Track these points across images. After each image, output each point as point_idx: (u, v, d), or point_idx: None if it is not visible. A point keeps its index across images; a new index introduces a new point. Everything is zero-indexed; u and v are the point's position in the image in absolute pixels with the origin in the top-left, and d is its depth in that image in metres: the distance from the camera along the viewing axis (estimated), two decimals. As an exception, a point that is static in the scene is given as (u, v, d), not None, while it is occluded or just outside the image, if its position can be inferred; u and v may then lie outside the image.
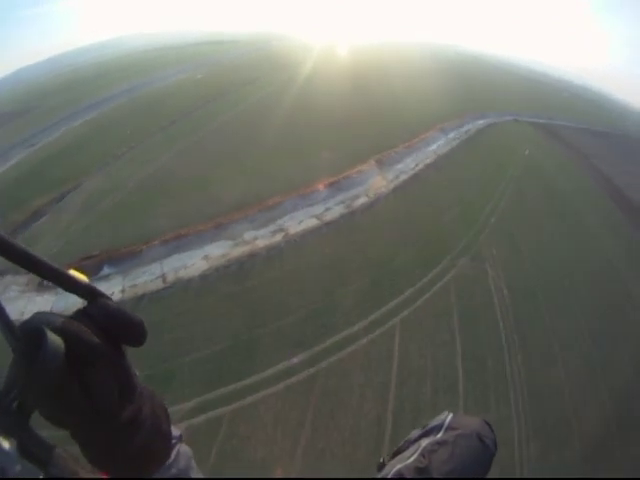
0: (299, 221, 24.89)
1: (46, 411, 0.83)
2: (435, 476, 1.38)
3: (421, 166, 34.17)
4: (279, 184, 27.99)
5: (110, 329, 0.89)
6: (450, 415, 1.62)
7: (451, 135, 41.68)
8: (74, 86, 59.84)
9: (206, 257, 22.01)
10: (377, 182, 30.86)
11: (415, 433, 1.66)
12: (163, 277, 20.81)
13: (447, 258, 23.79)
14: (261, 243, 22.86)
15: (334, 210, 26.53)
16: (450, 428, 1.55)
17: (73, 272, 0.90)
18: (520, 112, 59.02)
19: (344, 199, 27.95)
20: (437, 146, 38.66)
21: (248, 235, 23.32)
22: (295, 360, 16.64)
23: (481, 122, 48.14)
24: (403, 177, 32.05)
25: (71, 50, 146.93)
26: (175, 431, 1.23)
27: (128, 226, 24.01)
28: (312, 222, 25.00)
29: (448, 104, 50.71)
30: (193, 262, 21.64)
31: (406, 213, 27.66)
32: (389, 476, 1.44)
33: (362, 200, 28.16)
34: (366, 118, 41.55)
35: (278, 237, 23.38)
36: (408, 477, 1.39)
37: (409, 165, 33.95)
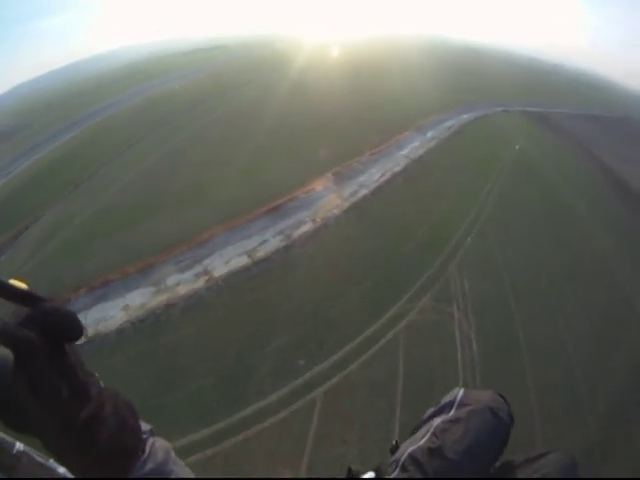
0: (227, 260, 22.20)
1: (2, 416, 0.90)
2: (449, 455, 1.35)
3: (387, 176, 29.68)
4: (216, 215, 25.31)
5: (51, 329, 0.90)
6: (461, 391, 1.58)
7: (430, 134, 36.70)
8: (56, 106, 59.72)
9: (126, 307, 20.16)
10: (329, 202, 26.89)
11: (429, 412, 1.62)
12: (85, 331, 20.02)
13: (402, 300, 19.96)
14: (182, 289, 20.66)
15: (270, 243, 23.26)
16: (462, 404, 1.51)
17: (13, 281, 0.93)
18: (511, 101, 54.05)
19: (285, 228, 24.46)
20: (411, 149, 34.13)
21: (171, 280, 21.28)
22: (196, 436, 14.77)
23: (466, 116, 42.91)
24: (362, 193, 27.76)
25: (66, 65, 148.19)
26: (145, 426, 1.21)
27: (66, 270, 22.68)
28: (241, 261, 22.08)
29: (431, 99, 45.96)
30: (113, 314, 19.88)
31: (357, 241, 23.83)
32: (402, 458, 1.43)
33: (306, 228, 24.54)
34: (335, 122, 37.46)
35: (201, 282, 21.04)
36: (420, 459, 1.38)
37: (373, 176, 29.53)
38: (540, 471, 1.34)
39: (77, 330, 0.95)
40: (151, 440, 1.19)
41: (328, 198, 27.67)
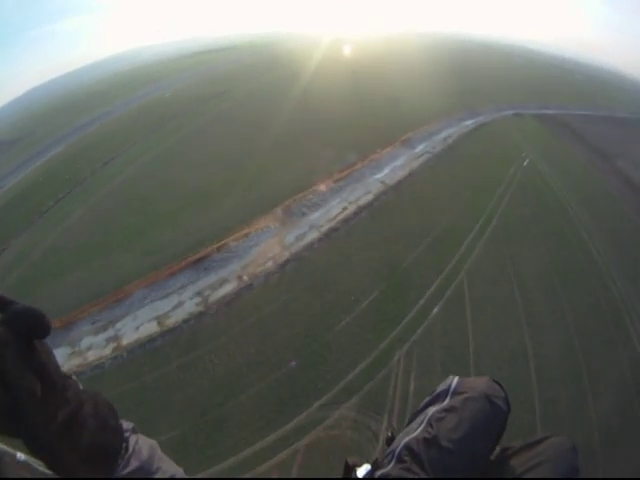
0: (137, 325, 17.79)
1: None
2: (444, 445, 1.31)
3: (349, 212, 22.58)
4: (141, 264, 20.54)
5: (21, 329, 0.88)
6: (456, 379, 1.52)
7: (419, 148, 29.08)
8: (53, 116, 56.40)
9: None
10: (266, 250, 20.28)
11: (424, 402, 1.57)
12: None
13: (303, 414, 13.63)
14: (92, 355, 17.08)
15: (184, 308, 18.06)
16: (456, 393, 1.45)
17: None
18: (524, 103, 45.05)
19: (205, 287, 18.89)
20: (390, 170, 26.55)
21: (85, 342, 17.55)
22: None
23: (470, 122, 34.64)
24: (310, 238, 20.79)
25: (70, 70, 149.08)
26: (127, 424, 1.21)
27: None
28: (150, 328, 17.52)
29: (429, 103, 38.20)
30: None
31: (287, 307, 17.39)
32: (397, 450, 1.39)
33: (227, 288, 18.65)
34: (303, 138, 30.81)
35: (109, 349, 17.11)
36: (416, 449, 1.34)
37: (330, 212, 22.57)
38: (538, 457, 1.30)
39: (45, 326, 0.92)
40: (134, 438, 1.17)
41: (266, 245, 20.97)
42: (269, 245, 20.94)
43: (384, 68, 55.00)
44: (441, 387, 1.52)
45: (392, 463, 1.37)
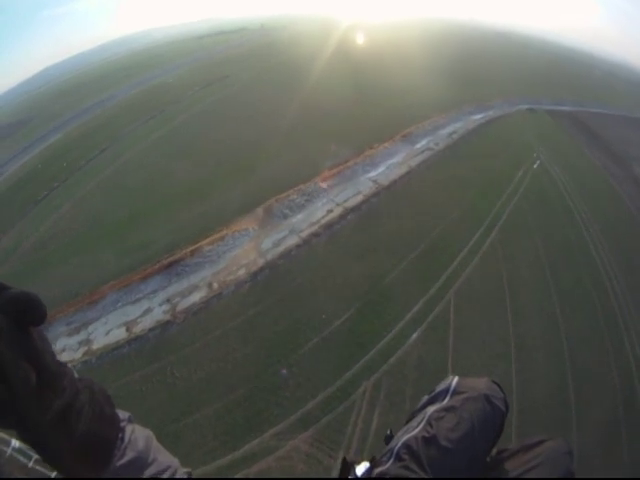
0: (108, 330, 17.00)
1: None
2: (443, 444, 1.31)
3: (334, 215, 20.65)
4: (118, 263, 19.56)
5: (16, 314, 0.86)
6: (456, 379, 1.52)
7: (420, 144, 26.61)
8: (58, 99, 54.76)
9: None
10: (240, 257, 18.70)
11: (423, 400, 1.57)
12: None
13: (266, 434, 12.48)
14: (64, 358, 16.02)
15: (152, 315, 16.99)
16: (456, 392, 1.46)
17: None
18: (539, 97, 41.49)
19: (175, 293, 17.60)
20: (385, 168, 24.28)
21: (60, 344, 16.76)
22: None
23: (479, 117, 31.51)
24: (288, 243, 19.11)
25: (79, 52, 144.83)
26: (123, 414, 1.19)
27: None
28: (119, 335, 16.51)
29: (437, 94, 35.11)
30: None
31: (254, 321, 15.94)
32: (396, 448, 1.38)
33: (196, 297, 17.36)
34: (300, 132, 28.52)
35: (80, 352, 16.27)
36: (415, 448, 1.33)
37: (315, 214, 20.70)
38: (535, 460, 1.30)
39: (41, 312, 0.90)
40: (130, 428, 1.15)
41: (242, 250, 19.45)
42: (244, 250, 19.45)
43: (392, 55, 51.60)
44: (441, 386, 1.51)
45: (391, 461, 1.35)
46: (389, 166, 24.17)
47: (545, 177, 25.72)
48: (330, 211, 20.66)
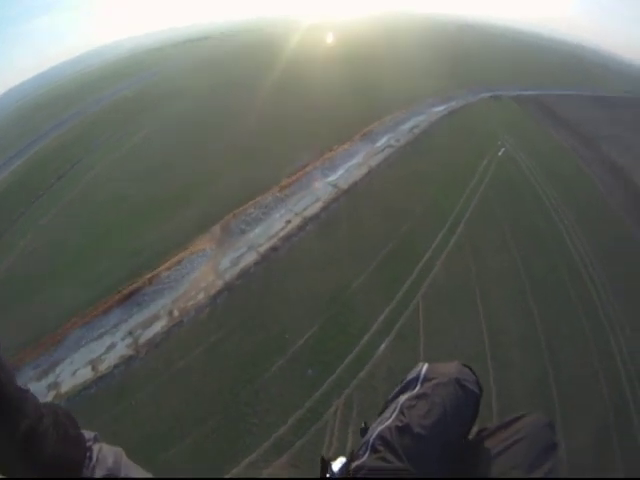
0: (74, 369, 15.93)
1: None
2: (417, 431, 1.31)
3: (293, 226, 19.82)
4: (78, 298, 18.27)
5: None
6: (425, 365, 1.55)
7: (380, 142, 25.59)
8: (20, 121, 53.03)
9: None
10: (199, 280, 17.79)
11: (395, 391, 1.57)
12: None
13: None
14: None
15: (116, 350, 16.09)
16: (427, 379, 1.48)
17: None
18: (503, 85, 41.18)
19: (136, 325, 16.72)
20: (345, 171, 23.51)
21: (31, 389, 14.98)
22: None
23: (441, 108, 31.05)
24: (247, 260, 18.26)
25: (42, 71, 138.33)
26: (88, 434, 1.20)
27: None
28: (85, 374, 15.59)
29: (398, 89, 34.70)
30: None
31: (216, 349, 15.10)
32: (371, 440, 1.39)
33: (158, 327, 16.35)
34: (257, 140, 27.48)
35: (50, 397, 15.07)
36: (389, 438, 1.33)
37: (273, 226, 19.86)
38: (515, 435, 1.29)
39: None
40: (97, 447, 1.16)
41: (200, 272, 18.53)
42: (203, 272, 18.56)
43: (351, 54, 50.90)
44: (411, 375, 1.53)
45: (367, 454, 1.36)
46: (349, 168, 23.40)
47: (511, 165, 25.18)
48: (289, 222, 19.86)
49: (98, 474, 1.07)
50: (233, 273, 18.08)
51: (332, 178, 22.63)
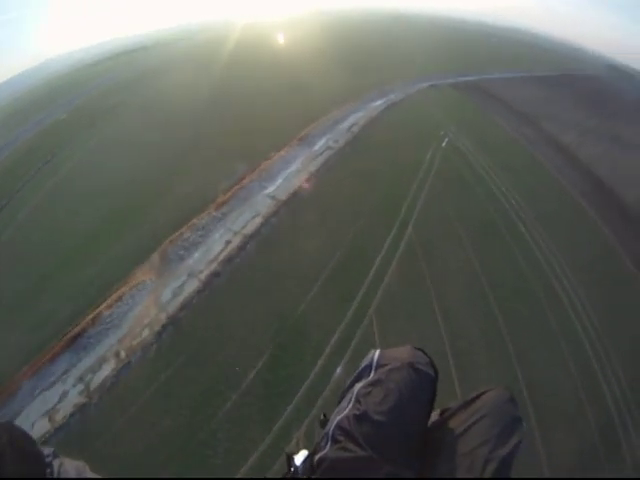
0: (32, 423, 14.91)
1: None
2: (375, 418, 1.31)
3: (234, 246, 19.08)
4: (25, 347, 17.30)
5: None
6: (377, 352, 1.55)
7: (319, 145, 25.10)
8: None
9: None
10: (142, 315, 17.06)
11: (350, 380, 1.58)
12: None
13: None
14: None
15: (69, 397, 15.60)
16: (380, 365, 1.48)
17: None
18: (441, 74, 41.19)
19: (86, 369, 16.09)
20: (285, 179, 22.95)
21: None
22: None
23: (379, 103, 30.92)
24: (189, 289, 17.71)
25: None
26: (47, 450, 1.21)
27: None
28: (43, 426, 14.85)
29: (332, 88, 34.06)
30: None
31: (167, 389, 14.54)
32: (331, 431, 1.38)
33: (108, 369, 15.84)
34: (189, 157, 26.42)
35: None
36: (348, 427, 1.34)
37: (213, 249, 19.11)
38: (477, 413, 1.30)
39: None
40: (58, 461, 1.19)
41: (142, 307, 17.78)
42: (145, 307, 17.85)
43: (279, 55, 50.06)
44: (364, 362, 1.54)
45: (328, 445, 1.35)
46: (287, 176, 22.82)
47: (456, 155, 25.29)
48: (228, 242, 19.25)
49: None
50: (176, 305, 17.51)
51: (270, 189, 22.01)
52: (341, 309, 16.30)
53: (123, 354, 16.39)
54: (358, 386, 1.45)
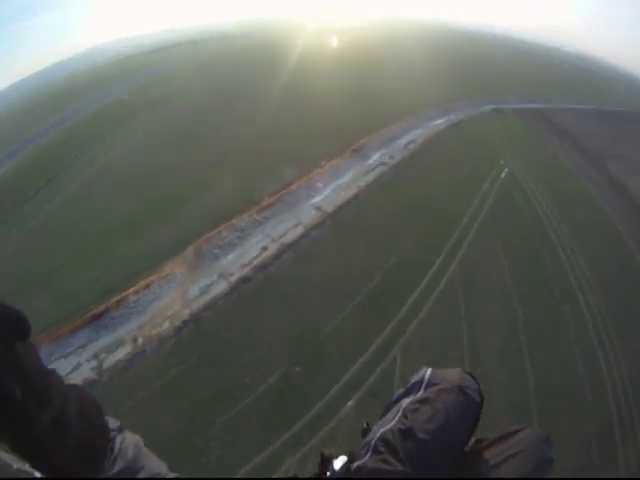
0: None
1: None
2: (419, 436, 1.30)
3: (270, 253, 18.51)
4: (55, 312, 17.76)
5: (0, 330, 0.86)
6: (429, 370, 1.51)
7: (372, 160, 24.36)
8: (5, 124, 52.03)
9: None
10: (166, 307, 17.01)
11: (398, 393, 1.54)
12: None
13: None
14: None
15: (81, 371, 15.98)
16: (430, 384, 1.45)
17: None
18: (506, 96, 39.08)
19: (102, 348, 16.37)
20: (331, 191, 22.16)
21: None
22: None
23: (440, 122, 29.50)
24: (218, 289, 17.49)
25: (37, 70, 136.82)
26: (113, 422, 1.19)
27: None
28: None
29: (396, 100, 33.18)
30: None
31: (176, 384, 14.34)
32: (373, 441, 1.37)
33: (123, 352, 15.94)
34: (244, 153, 26.21)
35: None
36: (392, 441, 1.32)
37: (248, 253, 18.61)
38: (513, 449, 1.30)
39: (23, 327, 0.88)
40: (120, 437, 1.13)
41: (168, 298, 17.83)
42: (170, 299, 17.81)
43: (352, 60, 49.34)
44: (414, 378, 1.49)
45: (368, 454, 1.35)
46: (336, 188, 22.13)
47: (514, 189, 23.72)
48: (265, 249, 18.82)
49: (118, 465, 1.04)
50: (201, 303, 17.33)
51: (317, 199, 21.36)
52: (365, 341, 15.46)
53: (140, 341, 16.45)
54: (406, 401, 1.41)
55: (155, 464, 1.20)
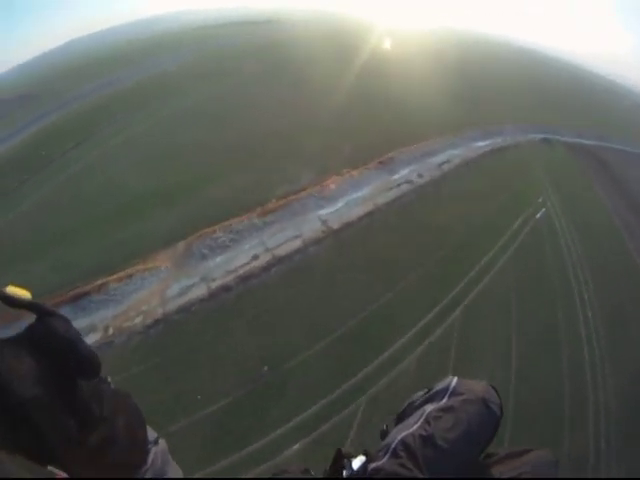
0: None
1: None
2: (440, 444, 1.32)
3: (259, 263, 17.46)
4: (48, 280, 17.91)
5: (56, 354, 0.88)
6: (455, 379, 1.53)
7: (398, 175, 22.33)
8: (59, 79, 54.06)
9: None
10: (143, 301, 16.66)
11: (418, 396, 1.59)
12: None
13: None
14: None
15: None
16: (455, 393, 1.47)
17: (11, 288, 0.87)
18: (557, 126, 35.19)
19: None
20: (344, 204, 20.55)
21: None
22: None
23: (482, 144, 26.68)
24: (196, 293, 17.07)
25: (100, 29, 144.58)
26: (152, 434, 1.34)
27: None
28: None
29: (435, 114, 30.77)
30: None
31: (134, 383, 12.48)
32: (393, 445, 1.38)
33: (93, 338, 15.17)
34: (263, 147, 25.14)
35: None
36: (412, 445, 1.34)
37: (238, 259, 17.65)
38: (522, 467, 1.32)
39: (91, 371, 0.92)
40: (154, 450, 1.25)
41: (147, 292, 17.47)
42: (149, 294, 17.46)
43: (395, 66, 46.86)
44: (440, 385, 1.51)
45: (387, 457, 1.35)
46: (349, 201, 20.41)
47: (547, 233, 21.15)
48: (255, 258, 17.72)
49: (148, 474, 1.12)
50: (176, 304, 16.81)
51: (325, 211, 19.84)
52: (336, 381, 14.07)
53: (111, 331, 16.13)
54: (430, 407, 1.41)
55: (174, 470, 1.28)
